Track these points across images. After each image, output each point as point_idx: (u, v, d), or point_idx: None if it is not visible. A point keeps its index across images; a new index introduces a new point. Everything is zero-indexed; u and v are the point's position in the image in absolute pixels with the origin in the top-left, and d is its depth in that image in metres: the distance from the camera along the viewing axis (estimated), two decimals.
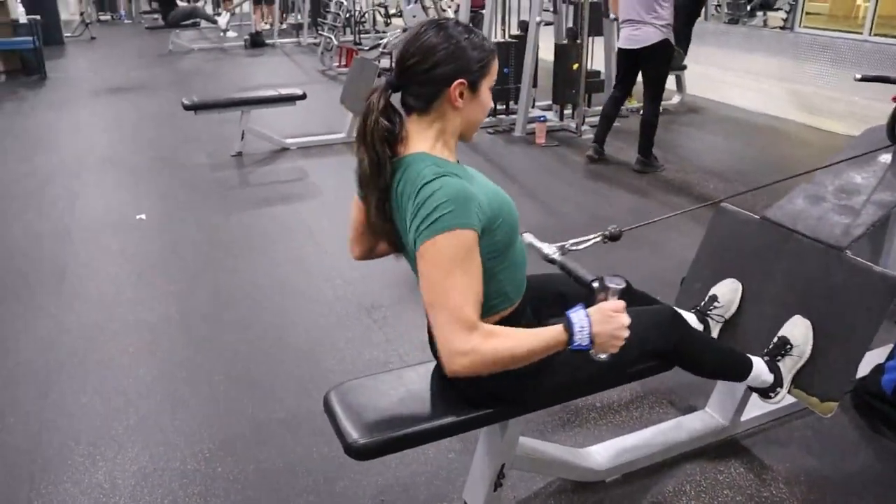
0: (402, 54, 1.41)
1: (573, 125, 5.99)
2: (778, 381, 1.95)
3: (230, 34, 10.98)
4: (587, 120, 5.95)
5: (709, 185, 4.59)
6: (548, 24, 5.53)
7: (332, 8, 8.44)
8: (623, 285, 1.40)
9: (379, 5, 10.88)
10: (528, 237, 1.91)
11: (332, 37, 8.28)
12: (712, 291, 2.21)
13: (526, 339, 1.34)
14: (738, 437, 2.22)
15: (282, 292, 3.17)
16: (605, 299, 1.40)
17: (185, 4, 10.87)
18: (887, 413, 2.27)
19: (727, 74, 7.63)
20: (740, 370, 1.89)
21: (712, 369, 1.90)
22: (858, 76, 3.18)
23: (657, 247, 3.56)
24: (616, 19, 5.91)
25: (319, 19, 9.20)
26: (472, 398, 1.59)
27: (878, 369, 2.30)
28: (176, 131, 5.88)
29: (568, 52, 5.86)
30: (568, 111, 6.20)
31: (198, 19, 10.28)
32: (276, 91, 5.22)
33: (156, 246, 3.68)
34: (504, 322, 1.50)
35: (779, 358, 1.96)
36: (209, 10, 12.39)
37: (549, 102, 6.36)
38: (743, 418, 2.21)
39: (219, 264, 3.46)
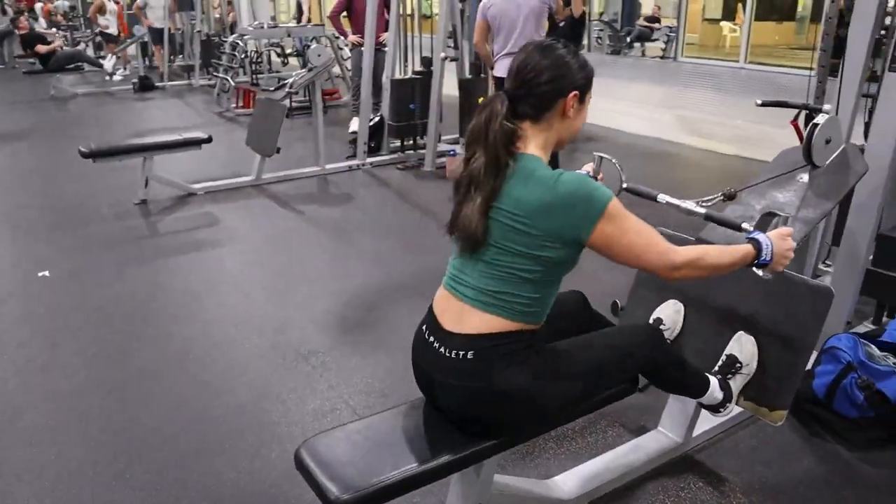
0: (517, 70, 1.59)
1: None
2: (727, 398, 2.03)
3: (116, 77, 10.53)
4: None
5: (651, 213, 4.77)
6: (453, 59, 5.64)
7: (227, 49, 8.25)
8: (790, 214, 1.91)
9: (272, 45, 10.75)
10: (664, 196, 2.05)
11: (229, 78, 8.10)
12: (656, 314, 2.27)
13: (723, 252, 1.65)
14: (692, 453, 2.28)
15: (211, 346, 3.01)
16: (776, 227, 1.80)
17: (67, 48, 10.34)
18: (821, 416, 2.41)
19: (618, 103, 8.01)
20: (700, 387, 1.95)
21: (682, 385, 1.95)
22: (759, 102, 3.42)
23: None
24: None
25: (213, 60, 8.97)
26: (468, 430, 1.63)
27: (809, 374, 2.44)
28: (72, 181, 5.54)
29: (473, 86, 5.99)
30: None
31: (82, 63, 9.79)
32: (180, 135, 5.02)
33: (65, 304, 3.42)
34: (534, 334, 1.62)
35: (729, 376, 2.03)
36: (90, 53, 11.83)
37: (455, 136, 6.45)
38: (693, 434, 2.27)
39: (139, 321, 3.25)
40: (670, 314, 2.25)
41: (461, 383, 1.58)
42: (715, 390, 2.00)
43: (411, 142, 6.29)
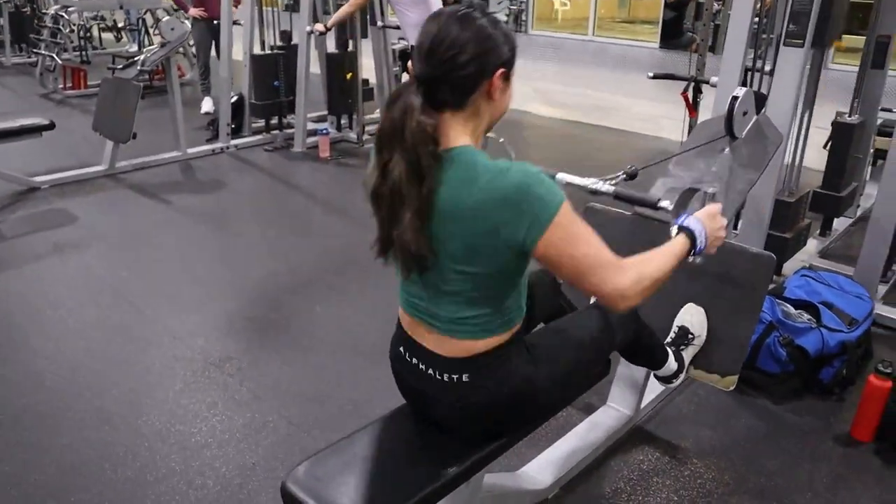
0: (431, 48, 1.29)
1: (353, 135, 5.89)
2: (681, 368, 2.07)
3: None
4: (366, 129, 5.90)
5: None
6: (321, 33, 5.35)
7: (49, 22, 7.32)
8: (716, 189, 1.65)
9: (95, 18, 9.69)
10: (564, 175, 1.87)
11: (55, 55, 7.20)
12: None
13: (661, 258, 1.41)
14: (640, 424, 2.33)
15: (101, 368, 2.64)
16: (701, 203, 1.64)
17: None
18: (745, 375, 2.54)
19: None
20: (662, 358, 1.98)
21: (651, 357, 1.96)
22: (651, 74, 3.54)
23: None
24: (384, 27, 5.97)
25: (32, 35, 7.94)
26: (465, 439, 1.52)
27: None
28: None
29: (341, 62, 5.73)
30: (344, 121, 6.09)
31: None
32: (16, 122, 4.37)
33: None
34: (518, 333, 1.48)
35: (682, 347, 2.07)
36: None
37: (323, 113, 6.17)
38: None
39: (3, 349, 2.80)
40: None
41: (459, 403, 1.46)
42: (671, 362, 2.03)
43: (276, 121, 5.94)
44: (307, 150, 5.64)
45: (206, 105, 6.67)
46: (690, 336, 2.08)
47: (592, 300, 1.88)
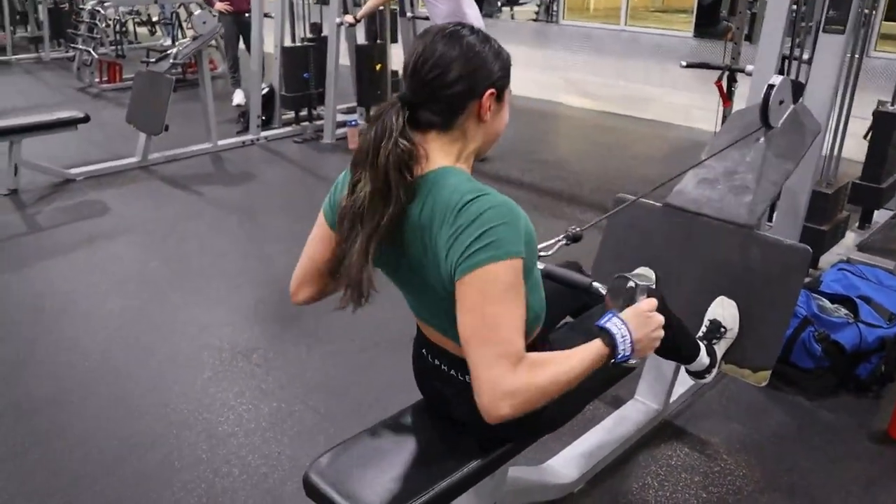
0: (415, 67, 1.23)
1: None
2: (713, 363, 2.02)
3: None
4: None
5: (540, 174, 4.76)
6: (350, 25, 5.35)
7: (86, 17, 7.44)
8: (653, 282, 1.34)
9: (130, 13, 9.83)
10: None
11: (91, 50, 7.32)
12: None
13: (568, 364, 1.20)
14: (669, 419, 2.29)
15: (128, 356, 2.67)
16: (629, 300, 1.34)
17: None
18: (778, 370, 2.48)
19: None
20: (694, 352, 1.92)
21: (682, 352, 1.88)
22: (684, 63, 3.46)
23: None
24: (414, 18, 5.96)
25: (69, 31, 8.08)
26: (485, 437, 1.45)
27: None
28: None
29: (370, 53, 5.74)
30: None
31: None
32: (53, 115, 4.46)
33: None
34: (537, 340, 1.41)
35: (714, 341, 2.02)
36: None
37: (353, 105, 6.18)
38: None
39: (28, 336, 2.85)
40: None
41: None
42: (703, 356, 1.98)
43: (306, 113, 5.97)
44: (336, 142, 5.66)
45: (238, 97, 6.72)
46: (723, 330, 2.02)
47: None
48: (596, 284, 1.56)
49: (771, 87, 2.25)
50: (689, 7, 8.70)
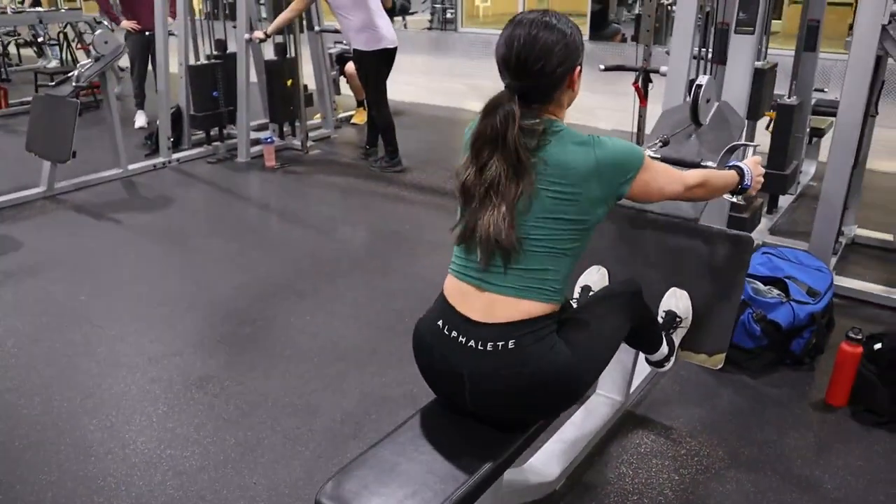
0: (524, 59, 1.45)
1: (297, 143, 5.81)
2: (671, 352, 2.14)
3: None
4: (309, 135, 5.83)
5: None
6: (261, 41, 5.25)
7: None
8: (757, 144, 2.24)
9: (10, 34, 9.21)
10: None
11: None
12: (582, 282, 2.31)
13: (718, 175, 1.85)
14: (632, 410, 2.39)
15: (80, 397, 2.53)
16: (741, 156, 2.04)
17: None
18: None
19: (411, 78, 8.02)
20: (658, 342, 2.03)
21: (651, 341, 2.01)
22: (602, 67, 3.62)
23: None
24: (321, 31, 5.92)
25: None
26: (499, 423, 1.58)
27: None
28: None
29: (280, 69, 5.64)
30: (287, 129, 5.99)
31: None
32: None
33: None
34: (561, 311, 1.60)
35: (671, 331, 2.14)
36: None
37: (264, 121, 6.04)
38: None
39: None
40: (596, 280, 2.31)
41: (503, 374, 1.49)
42: (663, 346, 2.10)
43: (217, 132, 5.80)
44: (252, 160, 5.53)
45: (140, 119, 6.47)
46: (678, 319, 2.14)
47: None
48: (706, 162, 2.11)
49: (699, 86, 2.40)
50: (578, 11, 9.08)
